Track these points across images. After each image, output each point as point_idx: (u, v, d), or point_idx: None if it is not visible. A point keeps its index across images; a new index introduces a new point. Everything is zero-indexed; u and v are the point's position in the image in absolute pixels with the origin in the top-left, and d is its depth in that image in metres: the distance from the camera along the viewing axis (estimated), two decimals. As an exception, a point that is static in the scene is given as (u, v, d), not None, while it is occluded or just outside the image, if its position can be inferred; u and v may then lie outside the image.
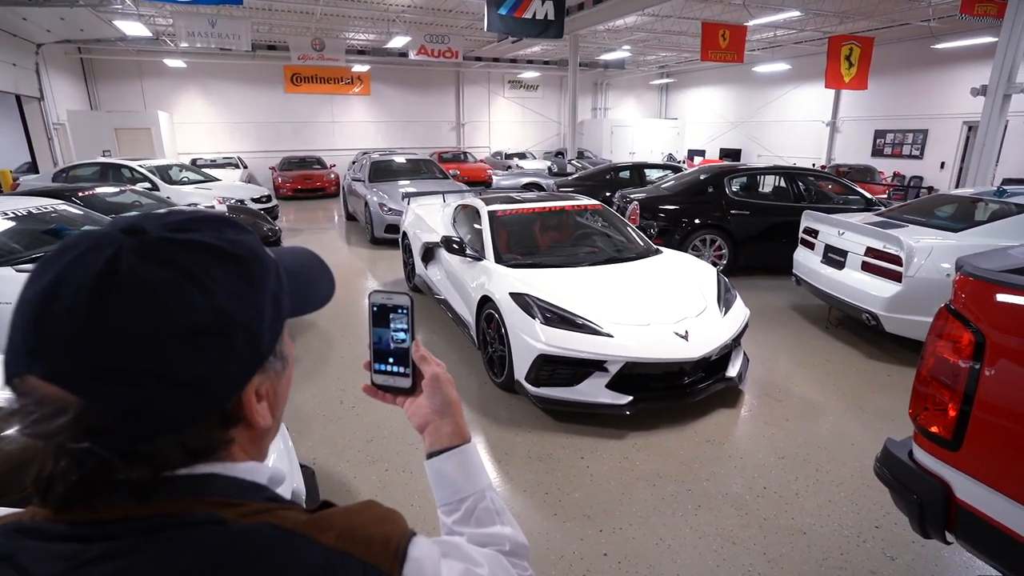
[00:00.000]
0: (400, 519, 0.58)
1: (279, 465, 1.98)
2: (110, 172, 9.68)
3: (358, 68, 18.85)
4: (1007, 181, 10.71)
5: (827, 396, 4.07)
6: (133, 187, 8.13)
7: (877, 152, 16.63)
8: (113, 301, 0.44)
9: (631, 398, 3.47)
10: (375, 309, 0.79)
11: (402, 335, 0.78)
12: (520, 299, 3.72)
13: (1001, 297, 1.52)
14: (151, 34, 13.47)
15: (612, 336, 3.48)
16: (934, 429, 1.67)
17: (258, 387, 0.53)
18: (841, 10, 12.50)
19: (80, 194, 6.43)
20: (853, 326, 5.40)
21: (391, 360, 0.79)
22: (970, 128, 14.64)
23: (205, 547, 0.45)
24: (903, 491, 1.77)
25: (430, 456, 0.75)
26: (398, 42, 14.23)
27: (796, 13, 12.04)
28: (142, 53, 16.53)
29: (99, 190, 6.93)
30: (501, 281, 4.02)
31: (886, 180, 14.62)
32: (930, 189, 13.77)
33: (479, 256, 4.55)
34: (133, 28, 12.08)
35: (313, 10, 13.01)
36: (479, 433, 3.54)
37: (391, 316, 0.78)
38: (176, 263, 0.47)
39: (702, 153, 21.18)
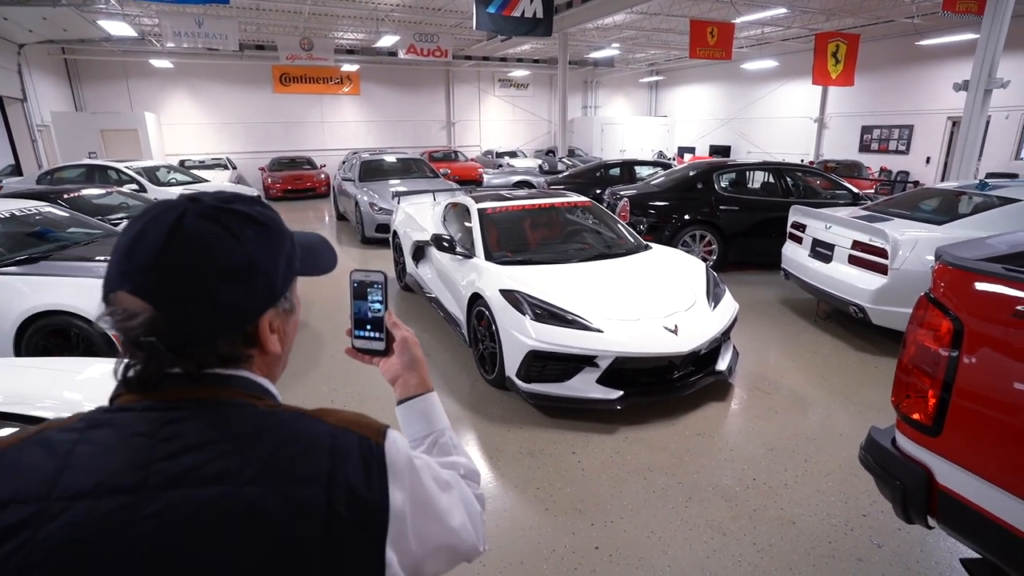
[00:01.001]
0: (378, 420, 0.75)
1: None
2: (96, 174, 9.59)
3: (347, 68, 18.76)
4: (990, 175, 10.87)
5: (816, 388, 4.11)
6: (120, 189, 8.06)
7: (864, 148, 16.79)
8: (178, 245, 0.63)
9: (622, 393, 3.49)
10: (355, 285, 0.95)
11: (378, 306, 0.95)
12: (510, 296, 3.73)
13: (979, 285, 1.55)
14: (136, 34, 13.34)
15: (602, 331, 3.51)
16: (915, 416, 1.70)
17: (271, 320, 0.71)
18: (827, 7, 12.61)
19: (66, 196, 6.38)
20: (841, 319, 5.46)
21: (368, 327, 0.96)
22: (954, 123, 14.80)
23: (246, 416, 0.65)
24: (886, 477, 1.81)
25: (400, 403, 0.94)
26: (387, 41, 14.19)
27: (783, 10, 12.13)
28: (128, 53, 16.37)
29: (85, 192, 6.87)
30: (491, 278, 4.03)
31: (873, 175, 14.76)
32: (916, 183, 13.91)
33: (469, 254, 4.56)
34: (118, 28, 11.94)
35: (301, 9, 12.95)
36: (471, 428, 3.56)
37: (368, 290, 0.95)
38: (221, 222, 0.66)
39: (692, 150, 21.28)
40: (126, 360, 0.65)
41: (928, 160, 15.26)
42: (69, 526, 0.55)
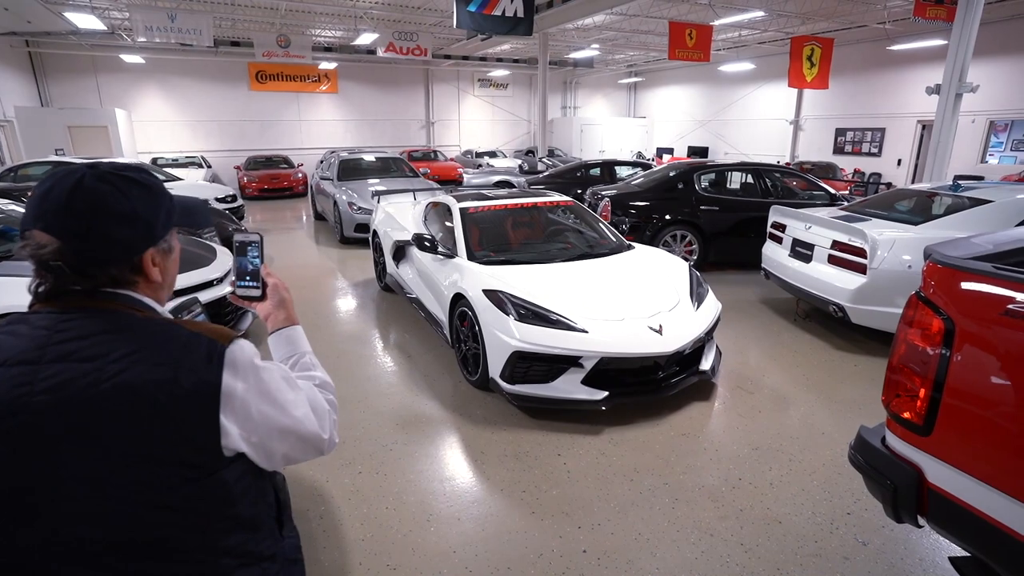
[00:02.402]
0: (238, 334, 0.96)
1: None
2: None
3: (325, 65, 18.50)
4: (958, 177, 11.15)
5: (797, 387, 4.14)
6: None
7: (838, 150, 17.13)
8: (79, 197, 0.86)
9: (607, 393, 3.46)
10: (237, 244, 1.19)
11: (256, 260, 1.19)
12: (494, 296, 3.68)
13: (970, 284, 1.55)
14: (106, 28, 12.90)
15: (587, 332, 3.47)
16: (906, 415, 1.69)
17: (153, 256, 0.95)
18: (802, 11, 12.81)
19: (29, 194, 6.13)
20: (820, 318, 5.52)
21: (248, 278, 1.19)
22: (924, 126, 15.20)
23: (123, 320, 0.89)
24: (876, 477, 1.80)
25: (271, 333, 1.17)
26: (366, 39, 14.00)
27: (760, 13, 12.29)
28: (96, 48, 15.90)
29: (51, 190, 6.60)
30: (474, 278, 3.98)
31: (847, 177, 15.05)
32: (889, 185, 14.24)
33: (451, 253, 4.49)
34: (86, 21, 11.54)
35: (278, 5, 12.71)
36: (454, 431, 3.50)
37: (248, 248, 1.19)
38: (112, 183, 0.90)
39: (670, 151, 21.47)
40: (37, 280, 0.88)
41: (899, 162, 15.62)
42: None
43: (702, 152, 20.66)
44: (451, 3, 9.38)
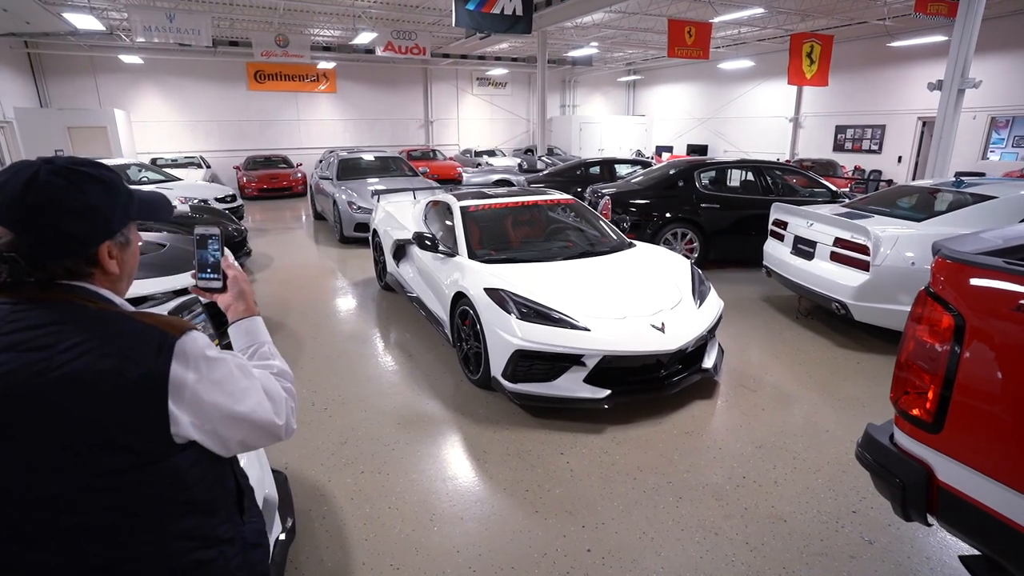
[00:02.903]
0: (193, 325, 0.97)
1: (249, 471, 1.89)
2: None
3: (323, 65, 18.48)
4: (958, 174, 11.12)
5: (800, 385, 4.12)
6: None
7: (838, 147, 17.10)
8: (33, 191, 0.87)
9: (609, 392, 3.44)
10: (198, 237, 1.20)
11: (217, 253, 1.21)
12: (495, 294, 3.66)
13: (981, 280, 1.52)
14: (104, 28, 12.88)
15: (589, 330, 3.45)
16: (915, 412, 1.67)
17: (110, 249, 0.97)
18: (802, 8, 12.79)
19: None
20: (822, 315, 5.50)
21: (209, 270, 1.21)
22: (924, 123, 15.17)
23: (76, 311, 0.90)
24: (885, 475, 1.78)
25: (231, 323, 1.19)
26: (364, 38, 13.98)
27: (760, 10, 12.26)
28: (95, 48, 15.87)
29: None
30: (475, 277, 3.95)
31: (847, 174, 15.03)
32: (889, 182, 14.20)
33: (452, 252, 4.47)
34: (84, 21, 11.52)
35: (276, 5, 12.68)
36: (456, 430, 3.48)
37: (208, 241, 1.20)
38: (68, 178, 0.91)
39: (669, 149, 21.44)
40: None
41: (900, 159, 15.60)
42: None
43: (701, 150, 20.63)
44: (450, 2, 9.35)
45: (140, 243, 1.10)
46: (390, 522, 2.65)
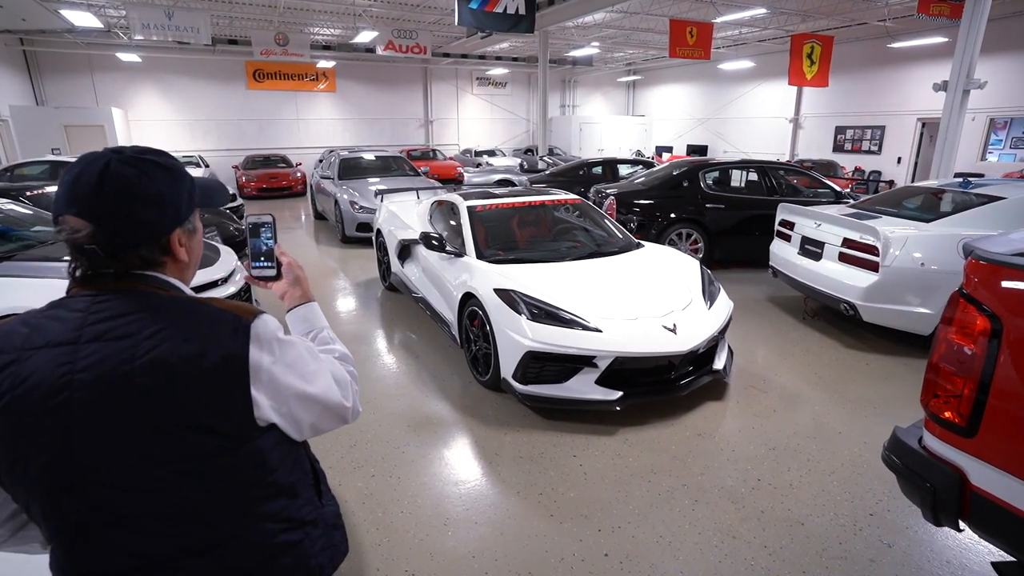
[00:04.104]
0: (262, 309, 0.98)
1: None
2: (60, 171, 9.15)
3: (323, 64, 18.40)
4: (958, 175, 11.13)
5: (810, 386, 4.10)
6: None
7: (838, 148, 17.12)
8: (107, 182, 0.88)
9: (621, 393, 3.41)
10: (250, 226, 1.20)
11: (270, 241, 1.20)
12: (505, 295, 3.63)
13: (1018, 282, 1.50)
14: (102, 25, 12.78)
15: (601, 331, 3.42)
16: (947, 415, 1.64)
17: (179, 236, 0.98)
18: (803, 8, 12.79)
19: (28, 193, 6.05)
20: (828, 316, 5.49)
21: (262, 259, 1.21)
22: (923, 124, 15.20)
23: (152, 299, 0.91)
24: (914, 479, 1.75)
25: (288, 311, 1.21)
26: (365, 37, 13.92)
27: (763, 10, 12.26)
28: (92, 46, 15.76)
29: (49, 189, 6.53)
30: (484, 277, 3.92)
31: (847, 175, 15.05)
32: (891, 183, 14.22)
33: (459, 252, 4.43)
34: (82, 18, 11.43)
35: (276, 3, 12.61)
36: (466, 432, 3.44)
37: (260, 230, 1.20)
38: (137, 167, 0.92)
39: (669, 149, 21.44)
40: (74, 264, 0.92)
41: (899, 160, 15.62)
42: (34, 364, 0.85)
43: (701, 150, 20.64)
44: (451, 1, 9.31)
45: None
46: (403, 527, 2.61)
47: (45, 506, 0.88)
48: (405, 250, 5.48)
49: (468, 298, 3.98)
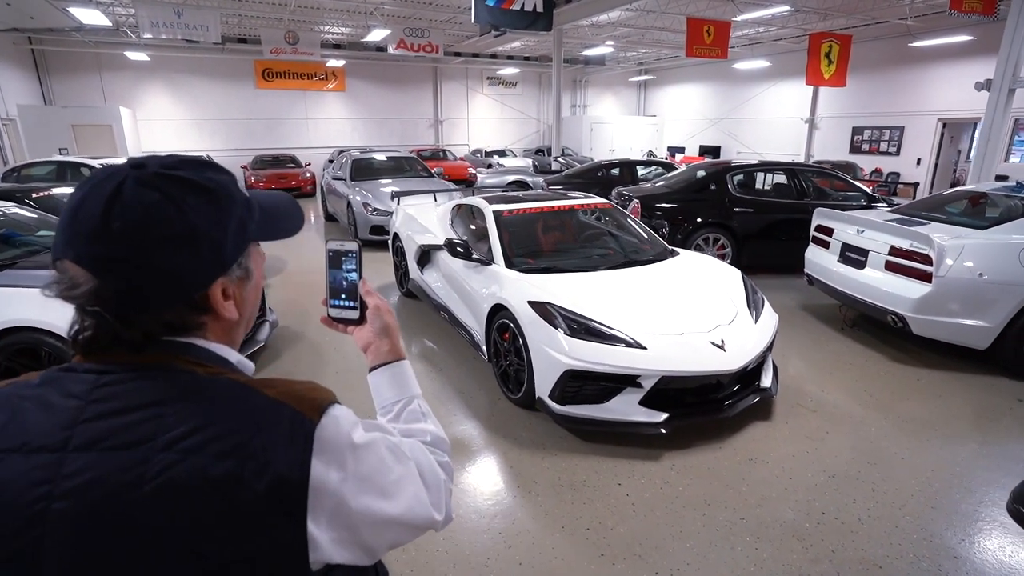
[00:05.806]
0: (331, 393, 0.72)
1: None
2: (68, 171, 9.00)
3: (333, 63, 18.23)
4: (999, 177, 10.83)
5: (860, 404, 3.84)
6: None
7: (855, 149, 16.81)
8: (116, 213, 0.63)
9: (667, 415, 3.17)
10: (331, 254, 0.95)
11: (353, 275, 0.95)
12: (541, 308, 3.39)
13: None
14: (110, 24, 12.64)
15: (645, 348, 3.18)
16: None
17: (224, 287, 0.71)
18: (824, 7, 12.50)
19: (34, 195, 5.85)
20: (868, 326, 5.22)
21: (343, 296, 0.96)
22: (944, 125, 14.88)
23: (179, 383, 0.65)
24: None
25: (372, 369, 0.93)
26: (377, 35, 13.74)
27: (785, 8, 11.98)
28: (101, 45, 15.64)
29: (56, 191, 6.33)
30: (516, 288, 3.68)
31: (866, 176, 14.75)
32: (915, 185, 13.90)
33: (487, 260, 4.19)
34: (90, 16, 11.29)
35: (287, 1, 12.43)
36: (499, 456, 3.20)
37: (343, 260, 0.94)
38: (162, 190, 0.65)
39: (681, 150, 21.17)
40: (77, 325, 0.67)
41: (919, 161, 15.30)
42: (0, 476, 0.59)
43: (714, 151, 20.36)
44: (467, -3, 9.11)
45: (264, 262, 0.81)
46: (440, 568, 2.38)
47: None
48: (425, 256, 5.25)
49: (498, 310, 3.75)
